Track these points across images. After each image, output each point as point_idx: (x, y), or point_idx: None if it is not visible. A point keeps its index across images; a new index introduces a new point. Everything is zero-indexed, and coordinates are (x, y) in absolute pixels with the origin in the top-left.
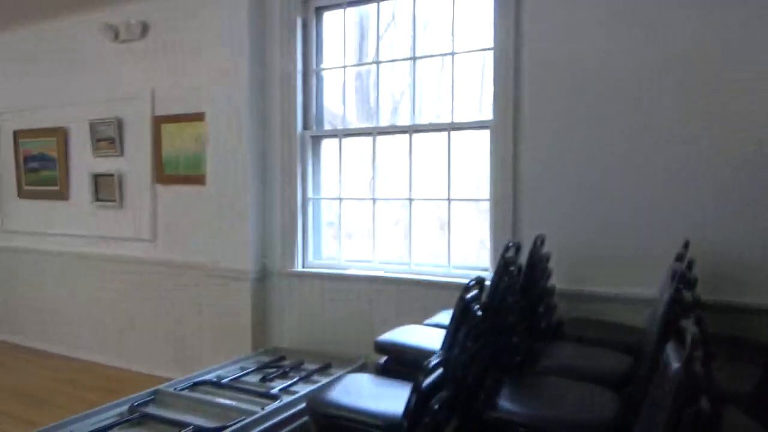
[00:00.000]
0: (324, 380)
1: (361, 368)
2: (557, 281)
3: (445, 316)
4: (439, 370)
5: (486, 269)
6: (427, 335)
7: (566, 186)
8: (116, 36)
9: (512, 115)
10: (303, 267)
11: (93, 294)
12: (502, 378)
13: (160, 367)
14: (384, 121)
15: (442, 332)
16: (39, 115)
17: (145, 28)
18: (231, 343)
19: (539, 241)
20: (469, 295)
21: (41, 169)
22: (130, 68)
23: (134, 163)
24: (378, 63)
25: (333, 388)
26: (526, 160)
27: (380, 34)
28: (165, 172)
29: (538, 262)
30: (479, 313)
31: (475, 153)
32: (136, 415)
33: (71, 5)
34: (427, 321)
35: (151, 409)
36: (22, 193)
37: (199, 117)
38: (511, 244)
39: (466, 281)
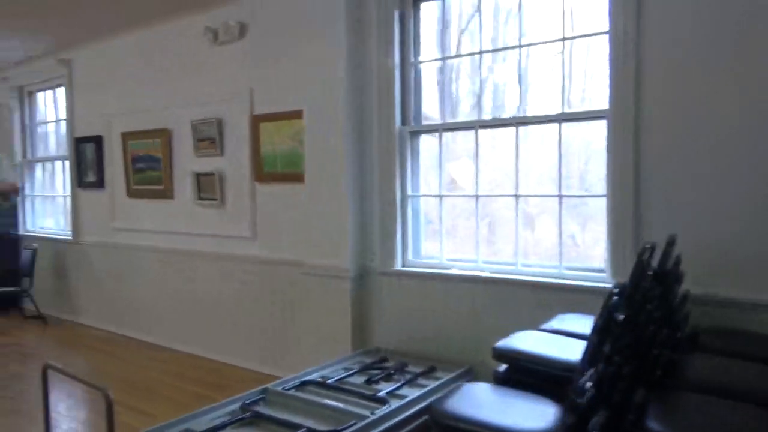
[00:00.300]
0: (431, 384)
1: (468, 373)
2: (687, 286)
3: (562, 322)
4: (591, 389)
5: (601, 271)
6: (549, 343)
7: (698, 180)
8: (216, 38)
9: (633, 103)
10: (403, 266)
11: (196, 290)
12: (646, 395)
13: (260, 363)
14: (477, 114)
15: (565, 339)
16: (145, 117)
17: (243, 29)
18: (331, 342)
19: (670, 242)
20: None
21: (147, 169)
22: (230, 69)
23: (234, 161)
24: (481, 53)
25: (455, 399)
26: (650, 152)
27: (481, 24)
28: (264, 171)
29: (671, 266)
30: (622, 323)
31: (560, 145)
32: (248, 414)
33: (174, 10)
34: (544, 326)
35: (262, 409)
36: (130, 193)
37: (296, 115)
38: (648, 245)
39: (580, 283)
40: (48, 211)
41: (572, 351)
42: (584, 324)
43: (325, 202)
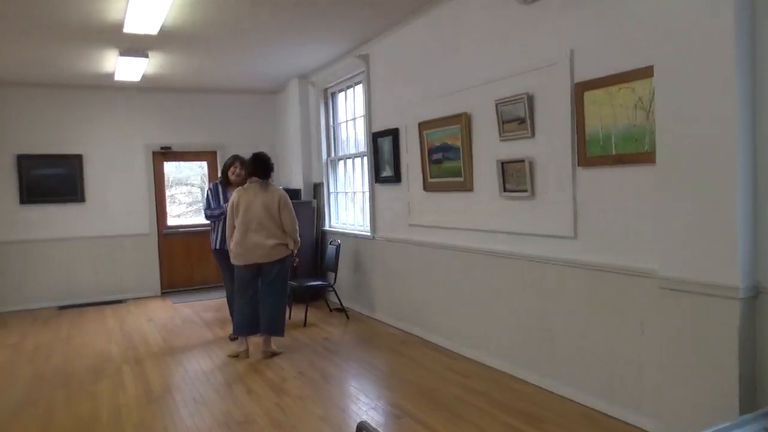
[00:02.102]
0: None
1: None
2: None
3: None
4: None
5: None
6: None
7: None
8: None
9: None
10: None
11: (503, 296)
12: None
13: (585, 393)
14: None
15: None
16: (441, 103)
17: None
18: (701, 387)
19: None
20: None
21: (444, 159)
22: (542, 31)
23: (548, 144)
24: None
25: None
26: None
27: None
28: (589, 153)
29: None
30: None
31: None
32: None
33: None
34: None
35: None
36: (426, 186)
37: (641, 74)
38: None
39: None
40: (349, 207)
41: None
42: None
43: (691, 189)
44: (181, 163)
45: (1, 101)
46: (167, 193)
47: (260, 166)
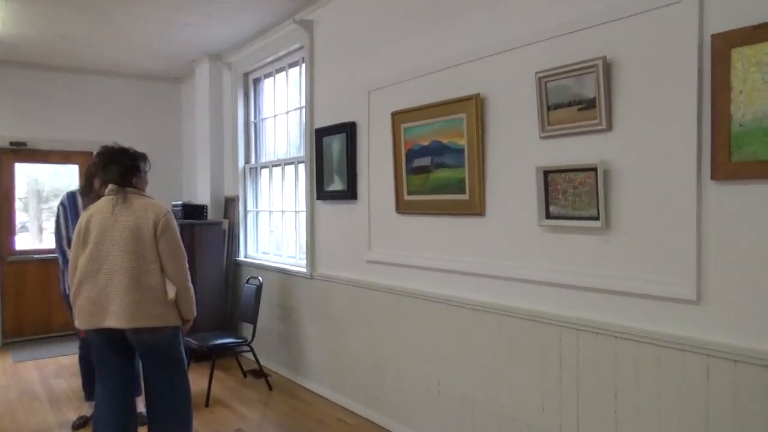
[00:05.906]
0: None
1: None
2: None
3: None
4: None
5: None
6: None
7: None
8: None
9: None
10: None
11: (519, 377)
12: None
13: None
14: None
15: None
16: (431, 81)
17: None
18: None
19: None
20: None
21: (434, 167)
22: None
23: (641, 141)
24: None
25: None
26: None
27: None
28: (737, 156)
29: None
30: None
31: None
32: None
33: None
34: None
35: None
36: (401, 207)
37: None
38: None
39: None
40: (274, 231)
41: None
42: None
43: None
44: (60, 167)
45: None
46: (41, 206)
47: (114, 166)
